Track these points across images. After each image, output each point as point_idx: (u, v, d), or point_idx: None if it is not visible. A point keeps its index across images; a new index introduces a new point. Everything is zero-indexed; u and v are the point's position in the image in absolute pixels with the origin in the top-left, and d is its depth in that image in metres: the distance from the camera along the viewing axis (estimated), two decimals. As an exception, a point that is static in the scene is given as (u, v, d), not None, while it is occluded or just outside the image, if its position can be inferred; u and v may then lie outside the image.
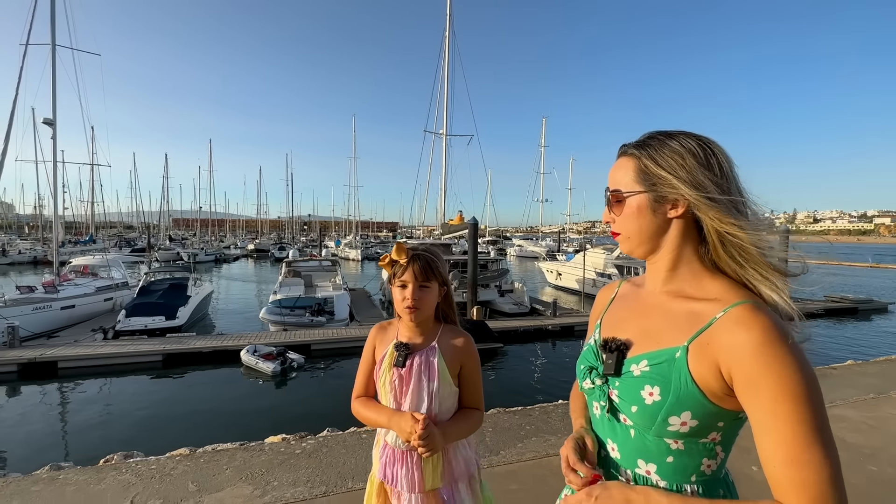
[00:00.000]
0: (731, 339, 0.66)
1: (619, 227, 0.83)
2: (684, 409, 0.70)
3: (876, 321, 16.92)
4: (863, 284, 27.05)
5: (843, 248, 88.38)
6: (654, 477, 0.76)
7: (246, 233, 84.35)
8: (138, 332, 12.09)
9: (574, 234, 60.26)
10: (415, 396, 1.25)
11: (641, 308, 0.85)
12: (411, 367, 1.26)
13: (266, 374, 9.37)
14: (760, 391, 0.63)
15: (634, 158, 0.81)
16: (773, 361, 0.63)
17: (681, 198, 0.75)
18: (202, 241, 51.42)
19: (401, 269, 1.24)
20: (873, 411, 3.78)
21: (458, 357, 1.29)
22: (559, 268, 25.14)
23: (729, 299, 0.71)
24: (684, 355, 0.71)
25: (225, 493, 2.41)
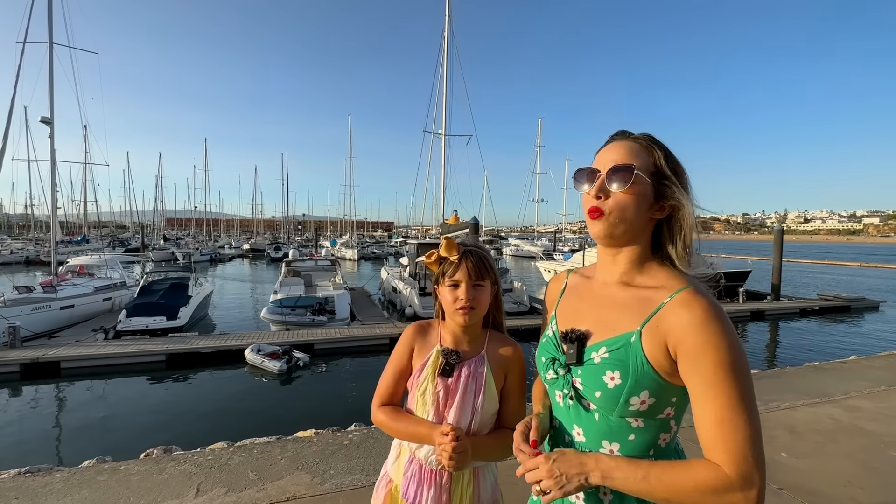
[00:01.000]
0: (676, 320, 0.74)
1: (613, 206, 0.81)
2: (642, 388, 0.76)
3: (868, 319, 17.23)
4: (855, 283, 27.47)
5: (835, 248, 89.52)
6: (618, 454, 0.81)
7: (241, 232, 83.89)
8: (140, 333, 12.06)
9: (569, 234, 60.49)
10: (459, 411, 1.13)
11: (595, 298, 0.89)
12: (458, 378, 1.14)
13: (272, 373, 9.41)
14: (701, 363, 0.70)
15: (647, 149, 0.83)
16: (713, 337, 0.70)
17: (677, 201, 0.81)
18: (197, 240, 51.10)
19: (451, 267, 1.14)
20: (886, 401, 3.97)
21: (504, 368, 1.19)
22: (557, 267, 25.28)
23: (673, 286, 0.79)
24: (638, 339, 0.77)
25: (286, 481, 2.52)
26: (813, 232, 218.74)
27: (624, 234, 0.83)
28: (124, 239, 51.79)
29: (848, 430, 3.39)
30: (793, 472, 2.69)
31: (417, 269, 17.62)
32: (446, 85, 21.36)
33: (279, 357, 9.85)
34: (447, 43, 21.06)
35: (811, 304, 17.56)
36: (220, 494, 2.34)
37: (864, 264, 43.11)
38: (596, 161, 0.86)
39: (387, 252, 50.84)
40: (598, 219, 0.83)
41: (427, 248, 19.14)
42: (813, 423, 3.48)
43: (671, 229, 0.84)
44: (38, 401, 8.42)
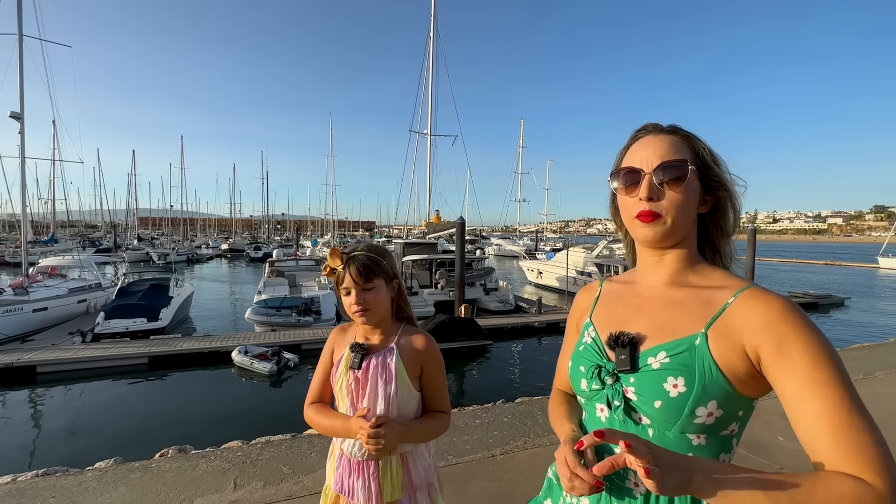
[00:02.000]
0: (753, 317, 0.66)
1: (668, 206, 0.74)
2: (710, 398, 0.67)
3: (834, 314, 18.10)
4: (822, 281, 28.74)
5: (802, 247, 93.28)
6: None
7: (218, 232, 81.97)
8: (119, 335, 11.72)
9: (550, 234, 61.34)
10: (372, 400, 1.18)
11: (641, 303, 0.81)
12: (367, 369, 1.19)
13: (262, 374, 9.29)
14: (794, 358, 0.62)
15: (689, 141, 0.77)
16: (799, 328, 0.63)
17: (725, 193, 0.77)
18: (172, 240, 49.72)
19: (340, 276, 1.17)
20: (867, 388, 4.28)
21: (417, 359, 1.22)
22: (540, 266, 25.62)
23: (735, 286, 0.72)
24: (704, 341, 0.69)
25: (320, 474, 2.54)
26: (781, 231, 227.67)
27: (679, 232, 0.76)
28: (95, 239, 49.92)
29: None
30: (790, 453, 2.96)
31: (403, 268, 17.65)
32: (432, 85, 21.40)
33: (268, 358, 9.73)
34: (433, 43, 21.12)
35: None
36: (259, 488, 2.38)
37: (830, 262, 45.18)
38: (631, 159, 0.78)
39: (369, 252, 50.38)
40: (652, 222, 0.74)
41: (412, 247, 19.28)
42: None
43: (717, 223, 0.79)
44: (15, 407, 8.10)
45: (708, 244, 0.81)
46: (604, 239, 24.89)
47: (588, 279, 20.51)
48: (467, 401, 4.56)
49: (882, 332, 14.14)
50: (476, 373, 10.63)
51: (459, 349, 11.39)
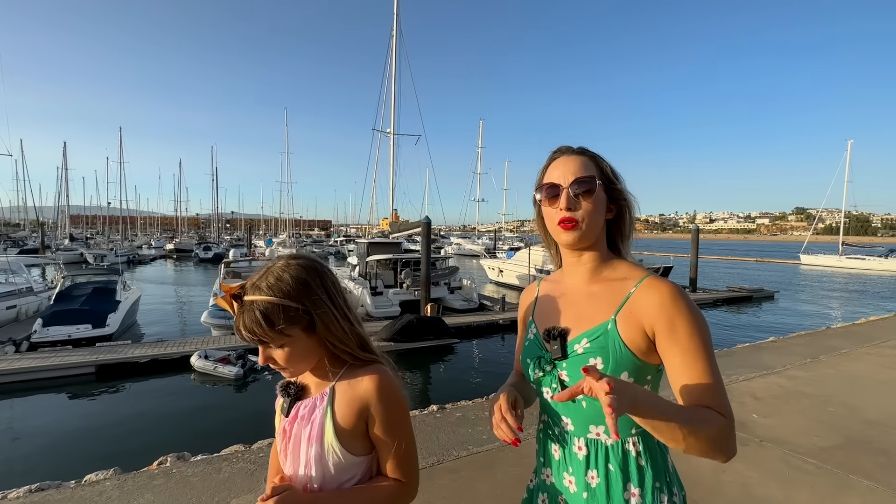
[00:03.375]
0: (649, 302, 0.84)
1: (583, 215, 0.90)
2: (622, 370, 0.84)
3: (766, 306, 19.80)
4: (754, 276, 31.28)
5: (736, 245, 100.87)
6: (602, 436, 0.88)
7: (161, 231, 76.86)
8: (61, 343, 10.78)
9: (508, 233, 62.65)
10: (295, 460, 0.90)
11: (567, 298, 0.97)
12: (294, 420, 0.92)
13: (228, 379, 8.90)
14: (678, 333, 0.81)
15: (594, 162, 0.93)
16: (683, 310, 0.81)
17: (626, 202, 0.95)
18: (110, 240, 46.12)
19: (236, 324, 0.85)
20: (814, 370, 4.88)
21: (359, 409, 0.88)
22: (501, 265, 26.12)
23: (635, 276, 0.90)
24: (614, 326, 0.86)
25: None
26: (717, 231, 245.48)
27: (590, 237, 0.92)
28: (18, 238, 45.36)
29: (794, 394, 4.16)
30: (765, 428, 3.36)
31: (367, 268, 17.43)
32: (395, 84, 21.24)
33: (232, 362, 9.33)
34: (395, 42, 20.95)
35: (722, 295, 19.83)
36: None
37: (760, 259, 49.27)
38: (551, 176, 0.93)
39: (327, 252, 49.38)
40: (571, 228, 0.90)
41: (377, 247, 19.08)
42: (767, 390, 4.24)
43: (620, 226, 0.97)
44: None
45: (613, 244, 0.98)
46: (561, 238, 25.73)
47: (546, 276, 21.16)
48: (439, 399, 4.67)
49: (810, 321, 15.67)
50: (446, 371, 10.74)
51: (427, 348, 11.46)
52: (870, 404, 3.94)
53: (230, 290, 0.85)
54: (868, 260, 38.18)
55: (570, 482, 0.89)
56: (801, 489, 2.55)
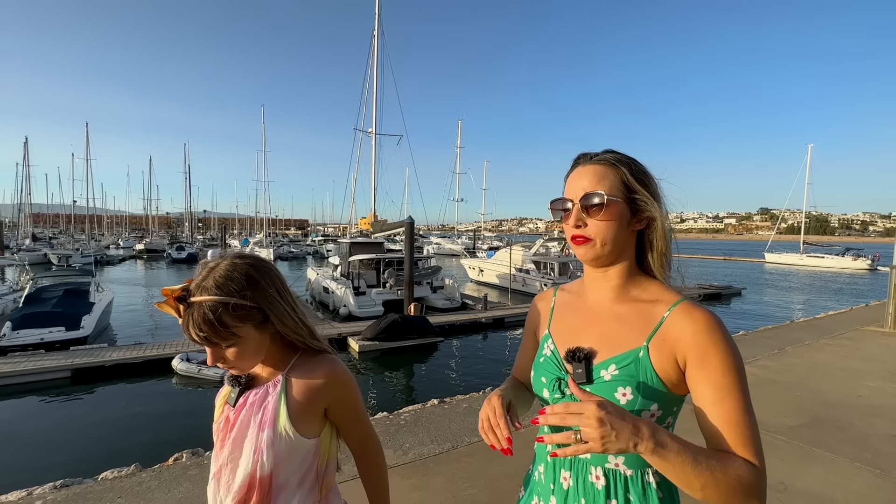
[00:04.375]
0: (682, 330, 0.77)
1: (595, 232, 0.83)
2: (652, 402, 0.78)
3: (734, 302, 20.76)
4: (722, 274, 32.59)
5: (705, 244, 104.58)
6: (622, 467, 0.82)
7: (130, 231, 74.09)
8: (32, 346, 10.41)
9: (487, 233, 63.18)
10: (236, 449, 0.90)
11: (591, 316, 0.90)
12: (241, 407, 0.93)
13: (213, 381, 8.80)
14: (710, 367, 0.74)
15: (613, 169, 0.84)
16: (719, 343, 0.75)
17: (651, 212, 0.84)
18: (75, 240, 44.24)
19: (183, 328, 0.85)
20: (781, 360, 5.35)
21: (317, 395, 0.93)
22: (481, 264, 26.39)
23: (668, 299, 0.83)
24: (646, 354, 0.79)
25: None
26: (687, 230, 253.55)
27: (610, 253, 0.85)
28: (-27, 239, 42.94)
29: (765, 381, 4.57)
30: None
31: (350, 268, 17.39)
32: (376, 84, 21.24)
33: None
34: (377, 42, 20.96)
35: (693, 292, 20.60)
36: None
37: (728, 258, 51.37)
38: (567, 189, 0.88)
39: (304, 251, 48.75)
40: (583, 244, 0.85)
41: (360, 247, 19.03)
42: None
43: (648, 240, 0.87)
44: None
45: (644, 258, 0.89)
46: (540, 238, 26.20)
47: (527, 275, 21.54)
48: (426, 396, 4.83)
49: (775, 315, 16.56)
50: (431, 369, 10.90)
51: (412, 347, 11.59)
52: (829, 389, 4.38)
53: (172, 292, 0.84)
54: (826, 258, 40.36)
55: (598, 477, 0.83)
56: (774, 461, 2.91)
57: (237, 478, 0.89)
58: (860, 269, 37.07)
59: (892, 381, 4.66)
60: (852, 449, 3.12)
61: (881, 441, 3.27)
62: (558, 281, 21.19)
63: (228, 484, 0.90)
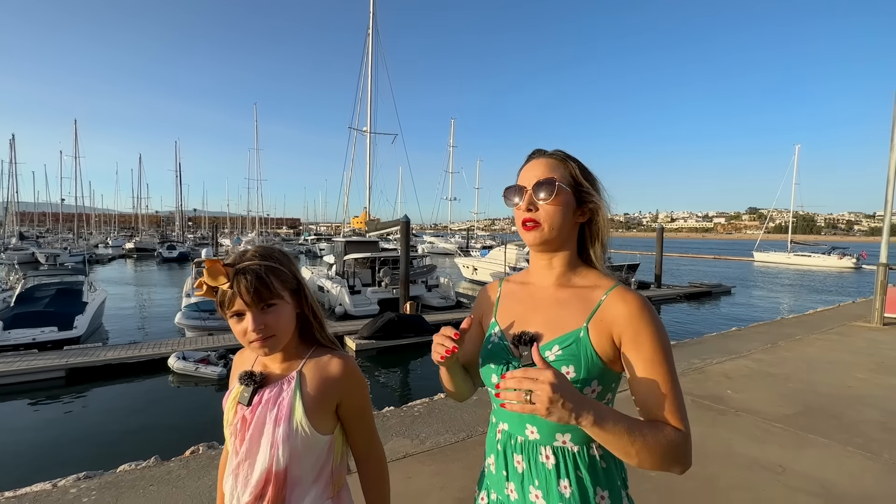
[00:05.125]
0: (617, 312, 0.85)
1: (544, 216, 0.90)
2: (593, 378, 0.84)
3: (724, 301, 21.07)
4: (712, 273, 33.06)
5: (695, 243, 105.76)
6: (570, 444, 0.87)
7: (118, 229, 73.04)
8: (25, 347, 10.29)
9: (480, 232, 63.32)
10: (254, 445, 0.93)
11: (536, 301, 0.96)
12: (257, 405, 0.95)
13: (210, 380, 8.79)
14: (642, 343, 0.82)
15: (563, 163, 0.93)
16: (649, 324, 0.83)
17: (593, 205, 0.93)
18: (63, 238, 43.54)
19: (227, 297, 0.90)
20: (775, 354, 5.54)
21: (331, 390, 0.97)
22: (475, 263, 26.49)
23: (605, 285, 0.90)
24: (587, 333, 0.86)
25: (392, 445, 2.92)
26: (677, 230, 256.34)
27: (555, 239, 0.91)
28: (-43, 238, 42.08)
29: (759, 374, 4.75)
30: (739, 401, 3.94)
31: (345, 267, 17.37)
32: (371, 82, 21.21)
33: (213, 362, 9.21)
34: (371, 40, 20.92)
35: (685, 290, 20.94)
36: None
37: (718, 257, 52.05)
38: (521, 178, 0.95)
39: (297, 250, 48.50)
40: (533, 229, 0.91)
41: (355, 245, 19.03)
42: (737, 371, 4.83)
43: (591, 231, 0.95)
44: None
45: (584, 248, 0.97)
46: (534, 236, 26.34)
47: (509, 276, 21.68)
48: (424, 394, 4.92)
49: (765, 312, 16.85)
50: (428, 367, 10.96)
51: (408, 345, 11.64)
52: (821, 380, 4.58)
53: (214, 262, 0.88)
54: (813, 257, 41.06)
55: (538, 496, 0.87)
56: (772, 446, 3.08)
57: (254, 473, 0.92)
58: (846, 268, 37.80)
59: (880, 372, 4.86)
60: (844, 435, 3.29)
61: (870, 427, 3.45)
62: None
63: (246, 479, 0.93)
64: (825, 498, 2.47)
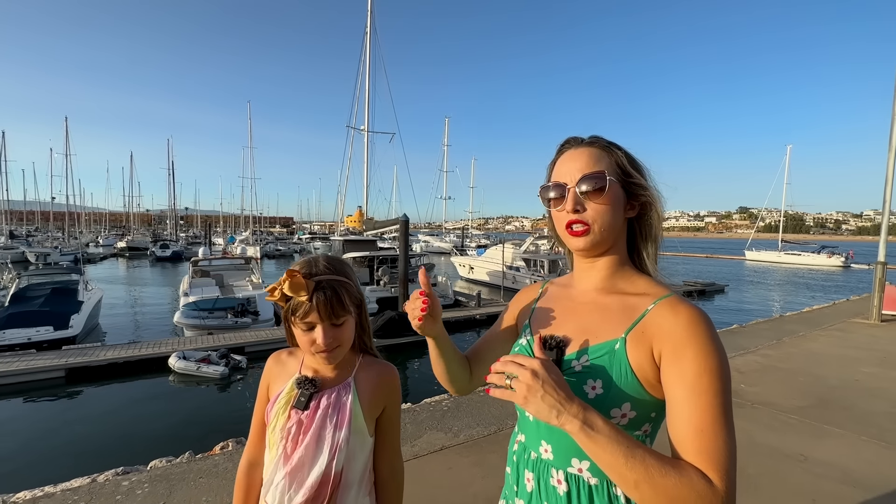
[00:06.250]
0: (663, 323, 0.71)
1: (593, 216, 0.77)
2: (624, 400, 0.71)
3: (719, 298, 21.35)
4: (705, 272, 33.44)
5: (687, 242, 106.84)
6: (586, 474, 0.75)
7: (109, 228, 72.13)
8: (20, 346, 10.15)
9: (475, 231, 63.44)
10: (311, 450, 0.96)
11: (574, 306, 0.85)
12: (315, 410, 0.97)
13: (212, 379, 8.74)
14: (684, 364, 0.66)
15: (607, 152, 0.80)
16: (698, 340, 0.67)
17: (647, 197, 0.80)
18: (54, 237, 42.91)
19: (302, 307, 0.92)
20: (781, 349, 5.65)
21: (380, 397, 1.02)
22: (472, 262, 26.53)
23: (656, 293, 0.77)
24: (623, 346, 0.73)
25: (426, 438, 2.99)
26: (670, 229, 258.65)
27: (606, 240, 0.79)
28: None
29: (769, 368, 4.86)
30: (753, 395, 4.05)
31: (344, 265, 17.30)
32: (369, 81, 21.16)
33: (214, 361, 9.16)
34: (369, 40, 20.89)
35: (679, 289, 20.67)
36: None
37: (711, 255, 52.64)
38: (557, 174, 0.82)
39: (292, 249, 48.29)
40: (582, 234, 0.78)
41: (353, 244, 18.99)
42: (748, 366, 4.94)
43: (642, 227, 0.83)
44: None
45: (635, 247, 0.85)
46: (530, 235, 26.46)
47: (517, 273, 21.76)
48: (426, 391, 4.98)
49: (761, 310, 17.09)
50: (428, 366, 10.94)
51: (408, 344, 11.67)
52: (830, 374, 4.70)
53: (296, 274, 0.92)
54: (803, 255, 41.68)
55: (560, 482, 0.77)
56: (790, 436, 3.20)
57: (311, 475, 0.94)
58: (835, 266, 38.43)
59: (885, 367, 4.99)
60: (858, 425, 3.41)
61: (883, 418, 3.57)
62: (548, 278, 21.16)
63: (301, 481, 0.94)
64: (849, 484, 2.60)
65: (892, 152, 7.54)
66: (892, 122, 7.37)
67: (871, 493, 2.50)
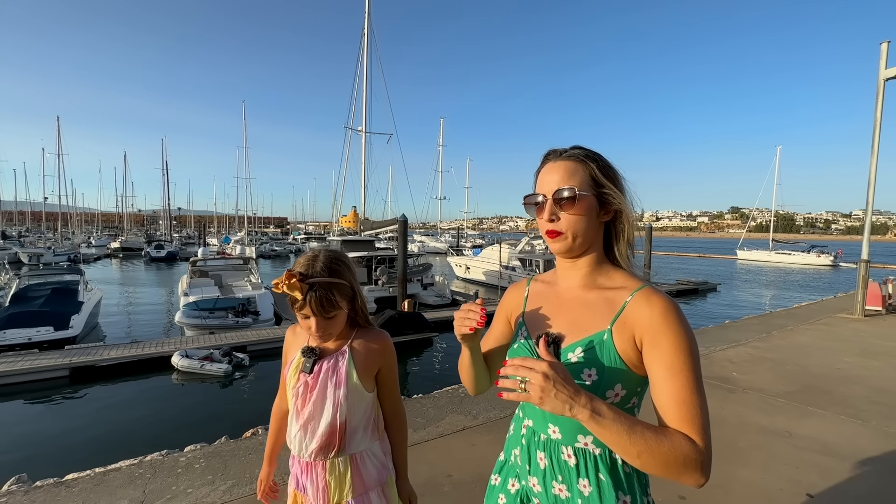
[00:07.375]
0: (640, 313, 0.82)
1: (566, 225, 0.88)
2: (616, 382, 0.83)
3: (711, 296, 21.71)
4: (698, 271, 33.89)
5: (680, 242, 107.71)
6: (591, 446, 0.86)
7: (102, 229, 71.52)
8: (21, 347, 10.18)
9: (470, 231, 63.56)
10: (318, 405, 1.18)
11: (562, 303, 0.95)
12: (318, 373, 1.19)
13: (216, 377, 8.86)
14: (662, 347, 0.79)
15: (582, 164, 0.89)
16: (672, 326, 0.79)
17: (618, 205, 0.90)
18: (45, 238, 42.52)
19: (298, 303, 1.11)
20: (770, 342, 6.02)
21: (375, 359, 1.24)
22: (468, 262, 26.71)
23: (631, 286, 0.88)
24: (610, 336, 0.84)
25: (448, 421, 3.22)
26: (663, 229, 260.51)
27: (581, 245, 0.90)
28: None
29: (759, 359, 5.21)
30: (744, 382, 4.40)
31: (341, 265, 17.37)
32: (366, 82, 21.31)
33: (217, 359, 9.28)
34: (367, 40, 21.02)
35: (673, 288, 21.49)
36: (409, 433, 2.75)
37: (702, 255, 53.26)
38: (539, 184, 0.92)
39: (287, 250, 48.23)
40: (557, 238, 0.89)
41: (351, 244, 19.08)
42: (739, 357, 5.28)
43: (615, 230, 0.93)
44: None
45: (610, 248, 0.95)
46: (525, 235, 26.67)
47: (513, 272, 21.98)
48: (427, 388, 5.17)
49: (750, 307, 17.47)
50: (429, 362, 11.17)
51: (407, 342, 11.82)
52: (814, 363, 5.04)
53: (294, 274, 1.09)
54: (794, 255, 42.28)
55: (561, 490, 0.88)
56: (779, 416, 3.55)
57: (320, 426, 1.18)
58: (824, 265, 39.08)
59: (864, 357, 5.35)
60: (838, 407, 3.77)
61: (860, 401, 3.93)
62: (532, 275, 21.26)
63: (313, 432, 1.19)
64: (828, 455, 2.94)
65: (874, 156, 7.86)
66: (874, 127, 7.70)
67: (847, 462, 2.83)
